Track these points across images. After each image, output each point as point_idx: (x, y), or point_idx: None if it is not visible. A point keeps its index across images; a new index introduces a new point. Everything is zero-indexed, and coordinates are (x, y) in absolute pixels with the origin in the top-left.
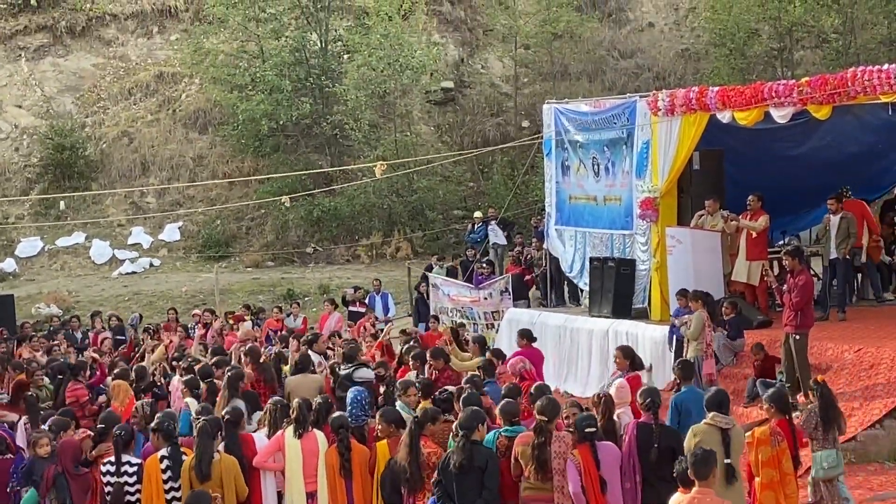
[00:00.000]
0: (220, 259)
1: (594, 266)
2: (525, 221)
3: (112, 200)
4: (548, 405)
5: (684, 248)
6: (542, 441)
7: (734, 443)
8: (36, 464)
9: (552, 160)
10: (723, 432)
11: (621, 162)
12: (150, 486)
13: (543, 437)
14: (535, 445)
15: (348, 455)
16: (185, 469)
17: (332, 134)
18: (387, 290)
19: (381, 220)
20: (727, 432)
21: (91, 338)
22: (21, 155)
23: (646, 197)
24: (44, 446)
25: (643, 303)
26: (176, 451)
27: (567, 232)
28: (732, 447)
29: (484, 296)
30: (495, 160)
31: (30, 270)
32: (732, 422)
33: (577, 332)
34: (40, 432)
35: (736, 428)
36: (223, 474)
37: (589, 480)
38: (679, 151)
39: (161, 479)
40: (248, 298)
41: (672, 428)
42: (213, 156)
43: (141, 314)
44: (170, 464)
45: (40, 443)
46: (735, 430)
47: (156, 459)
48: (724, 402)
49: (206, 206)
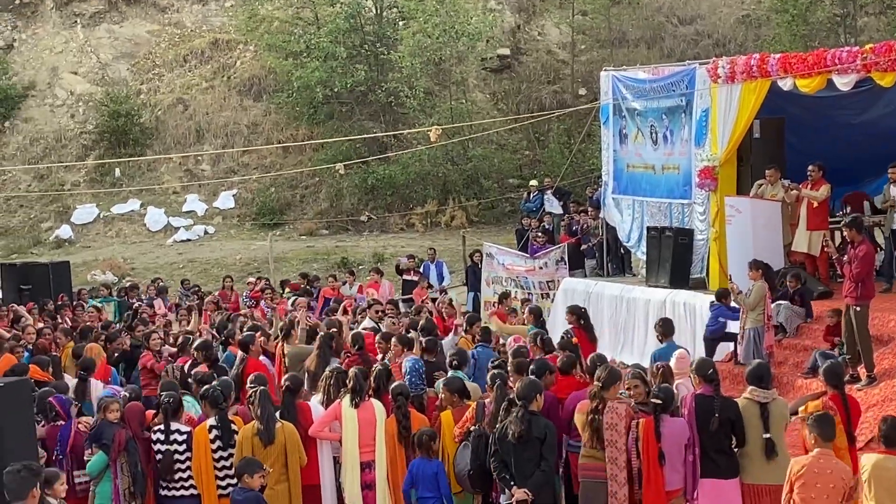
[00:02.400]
0: (274, 227)
1: (652, 235)
2: (581, 190)
3: (167, 167)
4: (604, 372)
5: (744, 217)
6: (595, 406)
7: (774, 417)
8: (105, 427)
9: (609, 128)
10: (761, 406)
11: (680, 130)
12: (200, 454)
13: (597, 402)
14: (589, 411)
15: (407, 423)
16: (246, 436)
17: (387, 101)
18: (441, 259)
19: (435, 188)
20: (766, 406)
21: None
22: (77, 122)
23: (705, 166)
24: (114, 411)
25: (701, 273)
26: (224, 419)
27: (624, 201)
28: (772, 421)
29: (539, 265)
30: (551, 128)
31: (85, 237)
32: (772, 395)
33: (634, 302)
34: (111, 397)
35: (777, 402)
36: (287, 440)
37: (647, 453)
38: (739, 119)
39: (210, 447)
40: (302, 267)
41: (731, 399)
42: (267, 123)
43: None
44: (218, 433)
45: (111, 407)
46: (775, 404)
47: (204, 428)
48: (765, 376)
49: (261, 174)
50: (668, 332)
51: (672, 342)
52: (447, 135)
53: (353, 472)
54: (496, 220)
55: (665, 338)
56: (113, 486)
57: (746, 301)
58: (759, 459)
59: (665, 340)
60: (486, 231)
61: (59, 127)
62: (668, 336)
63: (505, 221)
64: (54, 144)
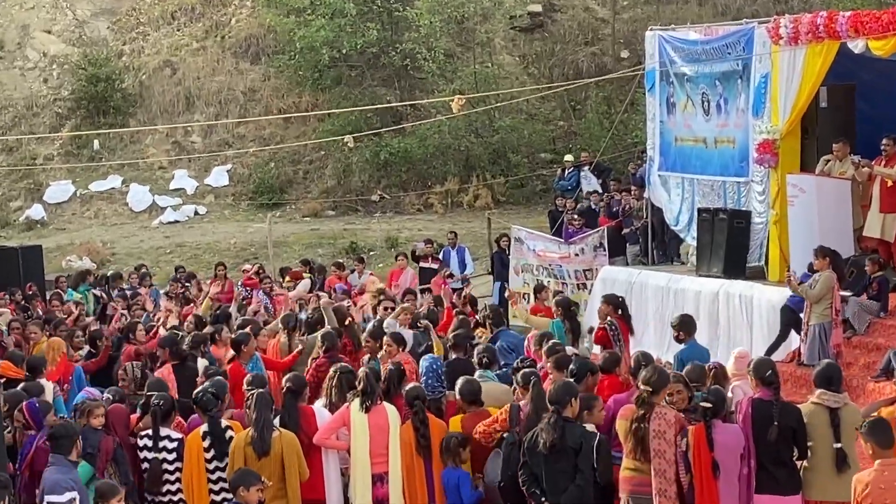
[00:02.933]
0: (274, 207)
1: (703, 218)
2: (623, 167)
3: (152, 139)
4: (654, 375)
5: (808, 198)
6: (642, 414)
7: (845, 424)
8: (88, 435)
9: (655, 96)
10: (831, 412)
11: (735, 98)
12: (192, 464)
13: (644, 410)
14: (634, 419)
15: (425, 431)
16: (239, 445)
17: (402, 65)
18: (463, 244)
19: (457, 163)
20: (836, 412)
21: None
22: (50, 87)
23: (764, 139)
24: (98, 416)
25: (759, 261)
26: (215, 426)
27: (672, 179)
28: (843, 429)
29: (575, 251)
30: (589, 96)
31: (60, 218)
32: (844, 400)
33: (683, 293)
34: (94, 401)
35: (848, 407)
36: (284, 451)
37: (699, 464)
38: (803, 86)
39: (204, 457)
40: (305, 252)
41: (793, 406)
42: (266, 89)
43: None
44: (211, 441)
45: (95, 412)
46: (847, 410)
47: (198, 435)
48: (835, 378)
49: (259, 147)
50: (690, 330)
51: (695, 341)
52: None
53: (364, 486)
54: (526, 201)
55: (687, 336)
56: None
57: (810, 293)
58: (827, 472)
59: (687, 340)
60: (515, 213)
61: (30, 93)
62: (690, 335)
63: (536, 202)
64: (24, 113)
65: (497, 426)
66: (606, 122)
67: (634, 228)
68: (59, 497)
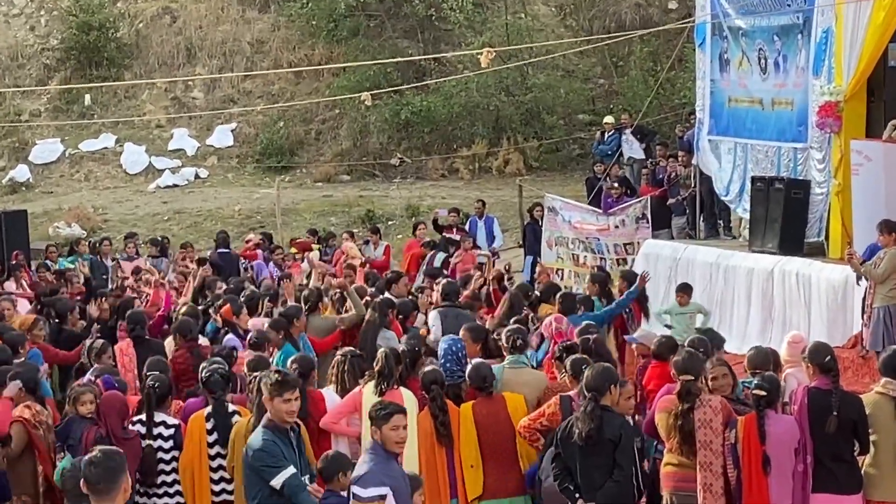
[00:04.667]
0: (283, 171)
1: (757, 188)
2: (669, 130)
3: (149, 95)
4: (689, 360)
5: (874, 166)
6: (687, 407)
7: None
8: (73, 424)
9: (706, 52)
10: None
11: (795, 55)
12: (193, 448)
13: (689, 402)
14: (678, 413)
15: (445, 418)
16: (240, 432)
17: (426, 14)
18: (492, 214)
19: (485, 125)
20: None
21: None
22: (37, 36)
23: (826, 101)
24: (86, 403)
25: (819, 236)
26: (220, 408)
27: (724, 144)
28: None
29: (615, 223)
30: (633, 51)
31: (47, 180)
32: None
33: (734, 271)
34: (84, 386)
35: None
36: None
37: (748, 459)
38: (869, 42)
39: (206, 441)
40: (317, 221)
41: (855, 396)
42: (275, 40)
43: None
44: (215, 424)
45: (82, 398)
46: None
47: (201, 417)
48: None
49: (267, 104)
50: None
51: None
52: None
53: None
54: (561, 167)
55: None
56: None
57: (875, 272)
58: (892, 470)
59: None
60: (549, 180)
61: (14, 42)
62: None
63: (572, 168)
64: (9, 64)
65: (545, 420)
66: (651, 81)
67: (681, 198)
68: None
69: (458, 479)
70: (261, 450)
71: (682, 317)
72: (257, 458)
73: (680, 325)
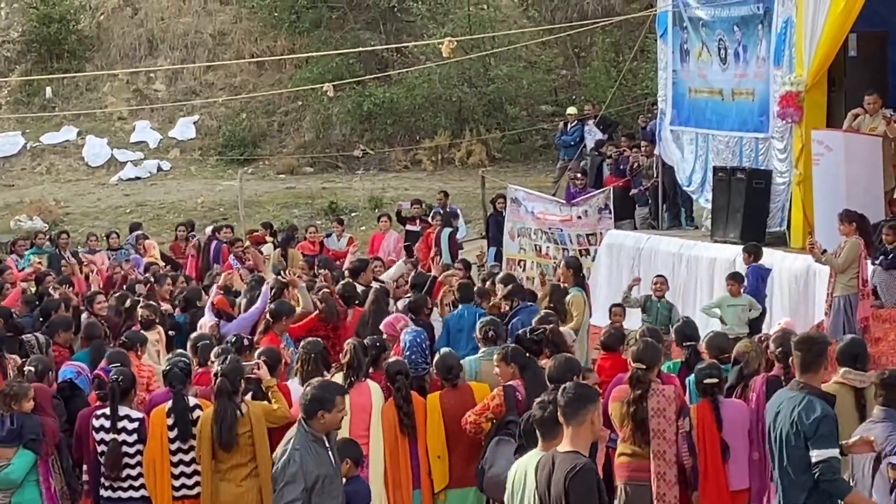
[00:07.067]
0: (246, 163)
1: (719, 178)
2: (631, 120)
3: (111, 87)
4: (645, 350)
5: (835, 156)
6: (639, 394)
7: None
8: (24, 421)
9: (668, 42)
10: (857, 393)
11: (756, 46)
12: (155, 442)
13: (641, 389)
14: (630, 401)
15: (408, 409)
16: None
17: (389, 6)
18: (455, 205)
19: (448, 116)
20: (863, 393)
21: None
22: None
23: (786, 91)
24: (28, 398)
25: (780, 226)
26: (179, 403)
27: (686, 134)
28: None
29: (578, 214)
30: (595, 42)
31: (8, 174)
32: (871, 379)
33: (696, 261)
34: (21, 384)
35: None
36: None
37: (704, 446)
38: (829, 33)
39: (167, 436)
40: (280, 213)
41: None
42: (237, 32)
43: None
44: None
45: (27, 395)
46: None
47: (162, 412)
48: (861, 355)
49: (229, 96)
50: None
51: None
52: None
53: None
54: (524, 158)
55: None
56: (43, 491)
57: (835, 262)
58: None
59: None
60: (512, 171)
61: None
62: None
63: (536, 159)
64: None
65: (490, 413)
66: (613, 71)
67: (643, 189)
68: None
69: (421, 470)
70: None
71: (733, 309)
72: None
73: (731, 318)
